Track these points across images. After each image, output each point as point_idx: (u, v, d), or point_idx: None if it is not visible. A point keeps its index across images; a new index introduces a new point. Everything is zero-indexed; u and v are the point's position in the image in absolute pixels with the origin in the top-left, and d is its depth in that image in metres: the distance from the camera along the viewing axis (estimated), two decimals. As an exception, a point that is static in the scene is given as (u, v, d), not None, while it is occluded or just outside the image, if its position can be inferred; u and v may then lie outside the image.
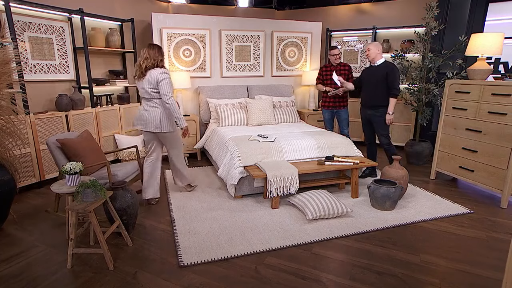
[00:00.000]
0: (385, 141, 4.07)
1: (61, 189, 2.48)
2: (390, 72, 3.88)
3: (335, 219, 3.18)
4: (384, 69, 3.93)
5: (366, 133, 4.29)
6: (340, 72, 4.71)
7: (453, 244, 2.77)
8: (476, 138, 3.71)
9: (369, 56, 4.00)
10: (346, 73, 4.71)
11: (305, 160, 3.80)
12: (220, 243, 2.73)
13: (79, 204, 2.38)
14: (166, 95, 3.19)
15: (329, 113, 4.93)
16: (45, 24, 4.10)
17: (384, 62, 3.98)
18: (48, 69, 4.20)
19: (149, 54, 3.23)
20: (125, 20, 5.04)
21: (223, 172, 3.78)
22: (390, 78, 3.87)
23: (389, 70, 3.89)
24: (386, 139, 4.07)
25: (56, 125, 4.01)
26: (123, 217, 2.77)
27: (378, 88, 3.97)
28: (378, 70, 3.98)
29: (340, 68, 4.74)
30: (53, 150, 3.05)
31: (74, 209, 2.32)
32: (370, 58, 4.01)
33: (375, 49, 3.95)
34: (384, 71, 3.91)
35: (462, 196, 3.79)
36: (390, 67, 3.91)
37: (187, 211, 3.35)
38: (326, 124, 5.01)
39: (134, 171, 3.57)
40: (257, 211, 3.35)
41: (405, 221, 3.15)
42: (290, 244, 2.73)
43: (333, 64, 4.77)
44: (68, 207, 2.34)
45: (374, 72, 4.02)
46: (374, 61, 4.01)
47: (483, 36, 3.67)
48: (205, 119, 5.41)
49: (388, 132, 4.09)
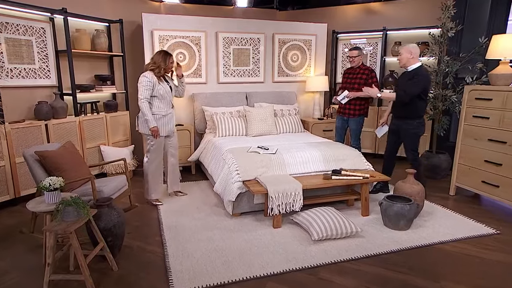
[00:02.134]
0: (411, 157, 4.03)
1: (39, 207, 2.45)
2: (414, 77, 3.79)
3: (344, 239, 3.14)
4: (412, 74, 3.85)
5: (388, 144, 4.25)
6: (356, 77, 4.66)
7: (477, 270, 2.72)
8: (501, 150, 3.69)
9: (400, 62, 3.93)
10: (364, 78, 4.61)
11: (309, 174, 3.78)
12: (216, 267, 2.70)
13: (58, 224, 2.34)
14: (138, 98, 3.68)
15: (340, 120, 4.88)
16: (24, 24, 4.12)
17: (417, 68, 3.86)
18: (27, 73, 4.20)
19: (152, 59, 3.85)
20: (113, 21, 5.07)
21: (220, 188, 3.76)
22: (411, 81, 3.79)
23: (415, 74, 3.80)
24: (412, 155, 4.02)
25: (34, 135, 3.99)
26: (108, 238, 2.73)
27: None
28: (408, 75, 3.91)
29: (359, 72, 4.68)
30: (31, 164, 3.03)
31: (53, 230, 2.28)
32: (401, 64, 3.94)
33: (406, 53, 3.84)
34: (412, 76, 3.84)
35: (486, 215, 3.74)
36: (418, 72, 3.81)
37: (180, 230, 3.32)
38: (335, 132, 5.00)
39: (122, 186, 3.55)
40: (257, 230, 3.32)
41: (422, 242, 3.11)
42: (293, 268, 2.70)
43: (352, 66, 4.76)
44: (45, 228, 2.31)
45: (405, 78, 3.95)
46: (406, 66, 3.92)
47: (506, 37, 3.69)
48: (200, 129, 5.40)
49: (416, 147, 4.02)
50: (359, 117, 4.71)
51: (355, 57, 4.65)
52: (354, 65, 4.72)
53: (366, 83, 4.55)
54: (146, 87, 3.67)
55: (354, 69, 4.75)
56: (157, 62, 3.74)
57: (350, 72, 4.79)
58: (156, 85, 3.73)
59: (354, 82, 4.67)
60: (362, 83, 4.56)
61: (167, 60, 3.78)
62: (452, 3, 4.63)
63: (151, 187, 3.96)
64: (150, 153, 3.89)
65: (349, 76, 4.78)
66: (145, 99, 3.67)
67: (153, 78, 3.71)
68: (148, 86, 3.68)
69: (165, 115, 3.84)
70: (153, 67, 3.75)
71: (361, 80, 4.60)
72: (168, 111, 3.88)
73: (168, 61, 3.78)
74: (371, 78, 4.58)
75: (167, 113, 3.87)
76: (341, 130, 4.93)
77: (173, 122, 3.99)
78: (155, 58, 3.79)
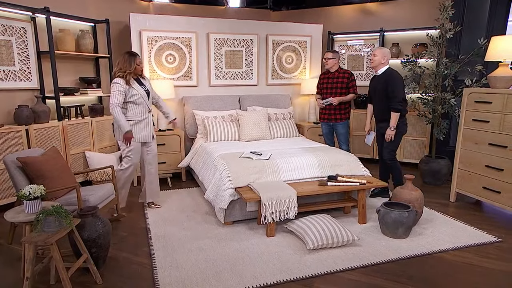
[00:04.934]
0: (387, 156, 4.14)
1: (17, 217, 2.41)
2: (390, 81, 3.94)
3: (340, 248, 3.14)
4: (383, 78, 4.01)
5: (380, 148, 4.36)
6: (337, 81, 4.78)
7: (479, 279, 2.73)
8: (502, 155, 3.72)
9: (373, 63, 4.07)
10: (345, 81, 4.77)
11: (304, 180, 3.78)
12: (206, 278, 2.68)
13: (38, 235, 2.31)
14: (109, 104, 3.60)
15: (326, 126, 5.02)
16: (2, 24, 4.08)
17: (386, 70, 4.04)
18: (6, 76, 4.16)
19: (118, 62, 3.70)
20: (99, 21, 5.06)
21: (211, 195, 3.74)
22: (390, 88, 3.93)
23: (388, 79, 3.95)
24: (389, 154, 4.12)
25: (14, 141, 3.94)
26: (92, 250, 2.69)
27: (381, 100, 4.06)
28: (379, 80, 4.08)
29: (338, 76, 4.79)
30: (12, 171, 2.99)
31: (32, 241, 2.25)
32: (372, 65, 4.09)
33: (380, 56, 3.99)
34: (384, 80, 3.99)
35: (487, 222, 3.76)
36: (390, 76, 3.96)
37: (169, 240, 3.30)
38: (324, 139, 5.11)
39: (109, 195, 3.52)
40: (250, 239, 3.31)
41: (422, 251, 3.11)
42: (287, 278, 2.69)
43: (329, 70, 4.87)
44: (24, 239, 2.27)
45: (377, 82, 4.13)
46: (376, 69, 4.09)
47: (505, 39, 3.73)
48: (190, 134, 5.39)
49: (395, 147, 4.14)
50: (346, 121, 4.90)
51: (329, 59, 4.77)
52: (328, 67, 4.84)
53: (347, 86, 4.77)
54: (118, 92, 3.58)
55: (332, 73, 4.87)
56: (123, 68, 3.62)
57: (329, 77, 4.90)
58: (128, 91, 3.65)
59: (336, 87, 4.82)
60: (344, 87, 4.77)
61: (132, 62, 3.64)
62: (451, 3, 4.68)
63: (122, 197, 3.93)
64: (124, 161, 3.83)
65: (328, 81, 4.89)
66: (115, 105, 3.56)
67: (124, 83, 3.61)
68: (120, 92, 3.58)
69: (141, 120, 3.78)
70: (120, 73, 3.62)
71: (343, 84, 4.79)
72: (144, 116, 3.79)
73: (133, 63, 3.65)
74: (351, 82, 4.79)
75: (142, 118, 3.79)
76: (330, 136, 5.06)
77: (150, 128, 3.90)
78: (120, 63, 3.65)
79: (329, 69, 4.86)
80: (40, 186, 2.50)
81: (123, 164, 3.84)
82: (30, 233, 2.37)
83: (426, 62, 5.21)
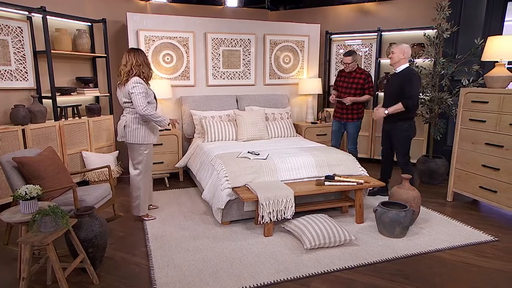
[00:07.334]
0: (401, 161, 4.11)
1: (13, 217, 2.41)
2: (407, 81, 3.86)
3: (337, 248, 3.14)
4: (402, 77, 3.93)
5: (383, 148, 4.34)
6: (353, 81, 4.78)
7: (475, 278, 2.74)
8: (498, 154, 3.73)
9: (392, 60, 4.00)
10: (361, 82, 4.75)
11: (302, 180, 3.78)
12: (203, 278, 2.68)
13: (34, 235, 2.30)
14: (139, 107, 3.39)
15: (337, 124, 5.02)
16: (-2, 23, 4.08)
17: (405, 69, 3.96)
18: (2, 75, 4.15)
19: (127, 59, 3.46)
20: (96, 20, 5.04)
21: (208, 195, 3.75)
22: (406, 87, 3.85)
23: (406, 78, 3.88)
24: (402, 158, 4.09)
25: (10, 141, 3.93)
26: (89, 250, 2.69)
27: (393, 101, 3.95)
28: (397, 78, 4.00)
29: (355, 76, 4.79)
30: (8, 171, 2.98)
31: (28, 242, 2.24)
32: (392, 62, 4.02)
33: (399, 53, 3.92)
34: (401, 79, 3.92)
35: (484, 221, 3.78)
36: (408, 75, 3.89)
37: (166, 240, 3.30)
38: (332, 136, 5.10)
39: (106, 195, 3.51)
40: (247, 239, 3.32)
41: (419, 250, 3.12)
42: (285, 278, 2.69)
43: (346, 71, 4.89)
44: (20, 240, 2.27)
45: (393, 80, 4.05)
46: (395, 66, 4.01)
47: (502, 39, 3.74)
48: (188, 134, 5.38)
49: (407, 150, 4.10)
50: (357, 121, 4.88)
51: (349, 64, 4.76)
52: (349, 70, 4.83)
53: (363, 87, 4.75)
54: (144, 94, 3.40)
55: (349, 72, 4.85)
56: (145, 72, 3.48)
57: (346, 76, 4.89)
58: (148, 90, 3.52)
59: (351, 87, 4.82)
60: (359, 87, 4.75)
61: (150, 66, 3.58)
62: (447, 3, 4.70)
63: (143, 203, 3.73)
64: (142, 164, 3.63)
65: (344, 80, 4.90)
66: (146, 106, 3.38)
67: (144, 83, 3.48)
68: (145, 93, 3.42)
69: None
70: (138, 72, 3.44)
71: (358, 85, 4.76)
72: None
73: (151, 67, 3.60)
74: (367, 83, 4.75)
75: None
76: (338, 134, 5.05)
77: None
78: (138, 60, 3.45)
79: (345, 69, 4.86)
80: (36, 186, 2.50)
81: (139, 168, 3.64)
82: (26, 233, 2.37)
83: (423, 62, 5.23)
